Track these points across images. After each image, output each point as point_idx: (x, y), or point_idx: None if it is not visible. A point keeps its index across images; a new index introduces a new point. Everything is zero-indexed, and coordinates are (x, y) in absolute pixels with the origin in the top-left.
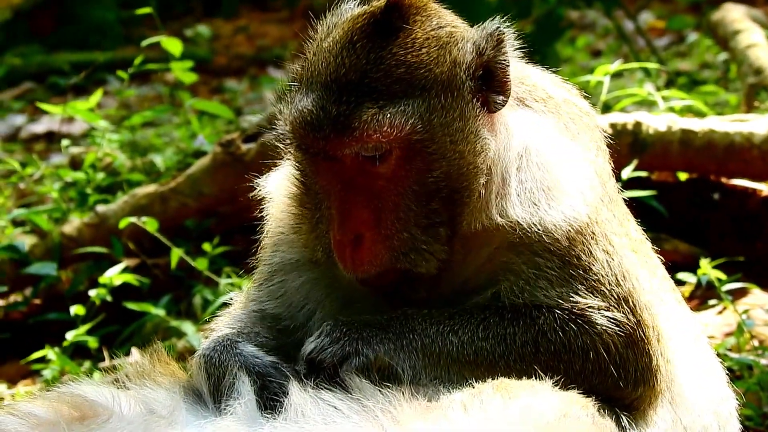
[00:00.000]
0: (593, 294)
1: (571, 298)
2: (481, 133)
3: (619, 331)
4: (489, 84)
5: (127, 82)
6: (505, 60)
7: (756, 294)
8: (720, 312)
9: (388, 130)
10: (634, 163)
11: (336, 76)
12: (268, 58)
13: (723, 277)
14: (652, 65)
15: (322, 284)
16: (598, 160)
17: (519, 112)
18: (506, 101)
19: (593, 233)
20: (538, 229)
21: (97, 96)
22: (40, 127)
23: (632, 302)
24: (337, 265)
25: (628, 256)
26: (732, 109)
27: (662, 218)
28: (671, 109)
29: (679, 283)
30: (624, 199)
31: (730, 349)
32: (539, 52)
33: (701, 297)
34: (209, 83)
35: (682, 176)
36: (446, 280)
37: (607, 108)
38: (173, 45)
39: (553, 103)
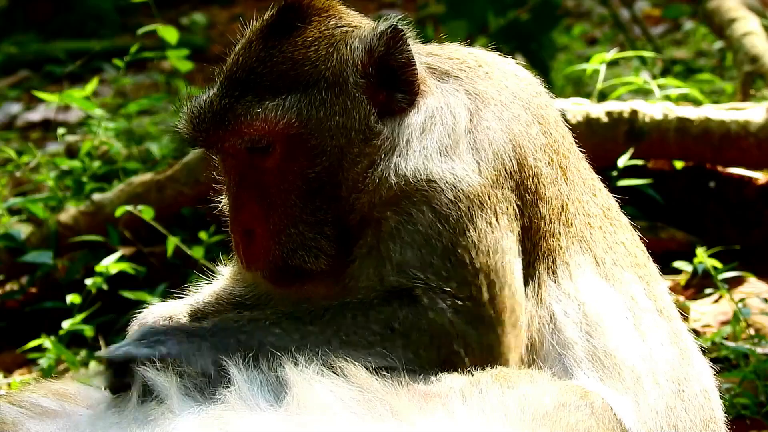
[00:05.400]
0: (450, 259)
1: (420, 268)
2: (371, 130)
3: (459, 307)
4: (393, 83)
5: (123, 71)
6: (405, 58)
7: (752, 282)
8: (716, 301)
9: (262, 123)
10: (631, 151)
11: (229, 74)
12: None
13: (719, 265)
14: (648, 53)
15: None
16: (530, 129)
17: (437, 85)
18: (412, 100)
19: (481, 203)
20: (421, 177)
21: (93, 84)
22: (36, 115)
23: (493, 277)
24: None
25: (511, 246)
26: (728, 97)
27: (659, 206)
28: (667, 98)
29: (676, 271)
30: (618, 186)
31: (726, 338)
32: (536, 41)
33: (697, 285)
34: (205, 71)
35: (679, 164)
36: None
37: (603, 96)
38: (169, 33)
39: (483, 71)
